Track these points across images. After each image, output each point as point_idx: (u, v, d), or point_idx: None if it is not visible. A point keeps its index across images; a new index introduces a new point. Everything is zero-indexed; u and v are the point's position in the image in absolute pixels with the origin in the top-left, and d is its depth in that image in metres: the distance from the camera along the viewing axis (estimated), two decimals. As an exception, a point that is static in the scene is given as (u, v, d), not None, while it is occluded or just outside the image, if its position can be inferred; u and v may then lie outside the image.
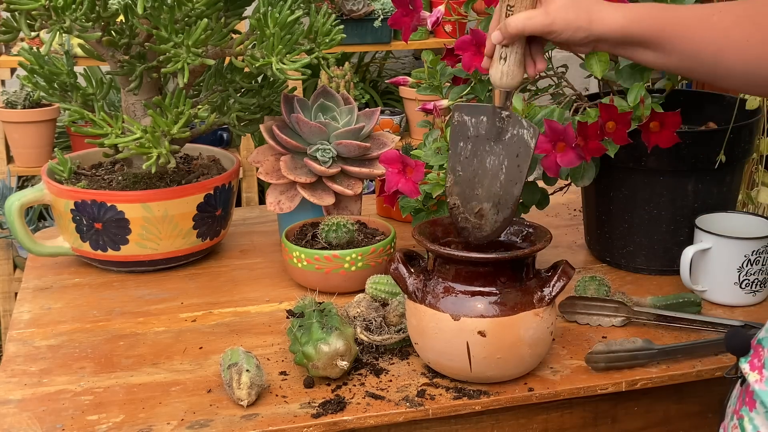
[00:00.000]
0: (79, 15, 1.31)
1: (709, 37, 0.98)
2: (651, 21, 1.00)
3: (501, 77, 1.07)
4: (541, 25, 1.02)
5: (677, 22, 1.00)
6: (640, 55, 1.03)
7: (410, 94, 3.10)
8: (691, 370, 1.18)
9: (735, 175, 1.43)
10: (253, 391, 1.08)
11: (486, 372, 1.11)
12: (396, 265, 1.13)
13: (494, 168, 1.11)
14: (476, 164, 1.12)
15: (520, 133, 1.09)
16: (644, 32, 1.00)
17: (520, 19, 1.03)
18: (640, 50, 1.02)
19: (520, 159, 1.09)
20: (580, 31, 1.02)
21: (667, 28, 1.00)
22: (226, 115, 1.54)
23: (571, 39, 1.03)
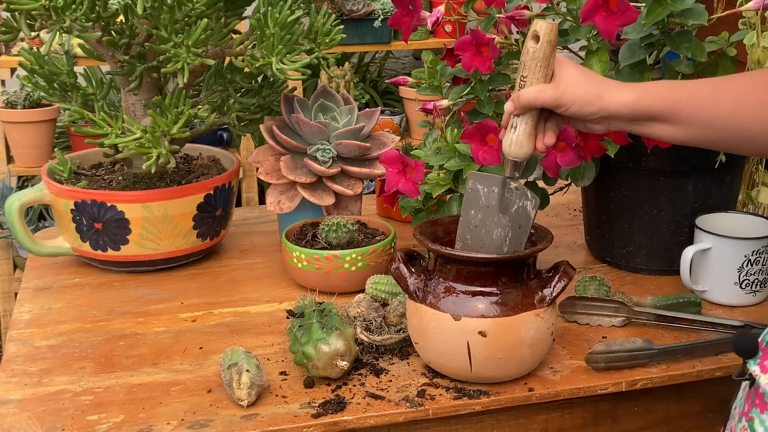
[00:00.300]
0: (79, 15, 1.31)
1: (722, 104, 1.00)
2: (662, 95, 1.03)
3: (510, 146, 1.10)
4: (551, 98, 1.05)
5: (689, 94, 1.02)
6: (658, 130, 1.05)
7: (410, 94, 3.10)
8: (691, 370, 1.18)
9: (735, 175, 1.43)
10: (253, 391, 1.08)
11: (486, 372, 1.11)
12: (397, 265, 1.13)
13: (499, 240, 1.14)
14: (484, 234, 1.15)
15: (524, 204, 1.12)
16: (656, 106, 1.03)
17: (531, 91, 1.06)
18: (655, 125, 1.04)
19: (522, 230, 1.13)
20: (589, 105, 1.04)
21: (680, 101, 1.02)
22: (226, 115, 1.54)
23: (581, 113, 1.05)
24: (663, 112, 1.03)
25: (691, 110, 1.02)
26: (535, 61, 1.05)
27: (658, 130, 1.04)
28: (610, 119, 1.06)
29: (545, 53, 1.05)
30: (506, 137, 1.10)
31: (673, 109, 1.02)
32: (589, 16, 1.22)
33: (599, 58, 1.28)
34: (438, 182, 1.33)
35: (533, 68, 1.06)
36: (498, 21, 1.36)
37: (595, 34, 1.29)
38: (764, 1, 1.28)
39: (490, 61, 1.29)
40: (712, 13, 1.30)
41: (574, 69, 1.07)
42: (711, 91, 1.02)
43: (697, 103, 1.02)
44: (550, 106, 1.07)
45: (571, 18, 1.31)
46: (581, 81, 1.05)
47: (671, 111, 1.02)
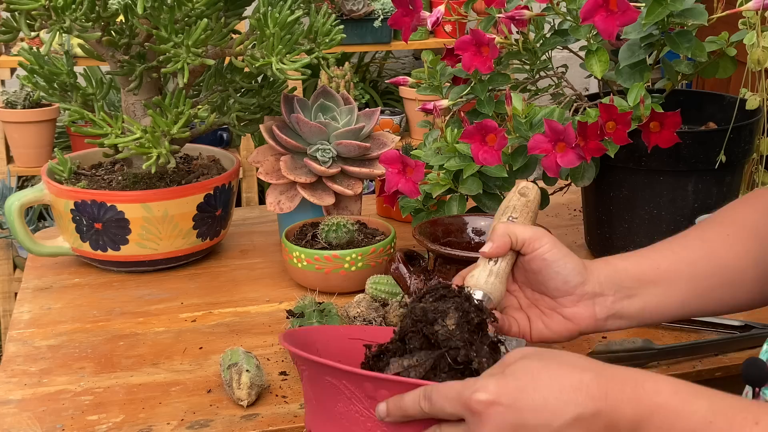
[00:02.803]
0: (79, 15, 1.31)
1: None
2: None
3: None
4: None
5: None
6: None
7: (410, 94, 3.10)
8: (691, 370, 1.18)
9: (735, 175, 1.43)
10: (253, 391, 1.08)
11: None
12: (396, 265, 1.13)
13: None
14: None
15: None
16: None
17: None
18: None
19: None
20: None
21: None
22: (226, 115, 1.54)
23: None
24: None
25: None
26: (527, 208, 0.98)
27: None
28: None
29: (534, 206, 0.99)
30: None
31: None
32: (589, 16, 1.22)
33: (599, 58, 1.28)
34: (438, 182, 1.33)
35: (524, 213, 0.97)
36: (498, 21, 1.36)
37: (595, 34, 1.29)
38: (764, 1, 1.28)
39: (490, 61, 1.30)
40: (712, 13, 1.30)
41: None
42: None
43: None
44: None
45: (571, 18, 1.31)
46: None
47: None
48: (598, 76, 1.29)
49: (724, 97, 1.50)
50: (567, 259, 0.93)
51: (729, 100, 1.47)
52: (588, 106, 1.37)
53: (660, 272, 0.96)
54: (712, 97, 1.52)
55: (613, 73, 1.35)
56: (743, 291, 0.98)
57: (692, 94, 1.53)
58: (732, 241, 0.98)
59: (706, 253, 0.98)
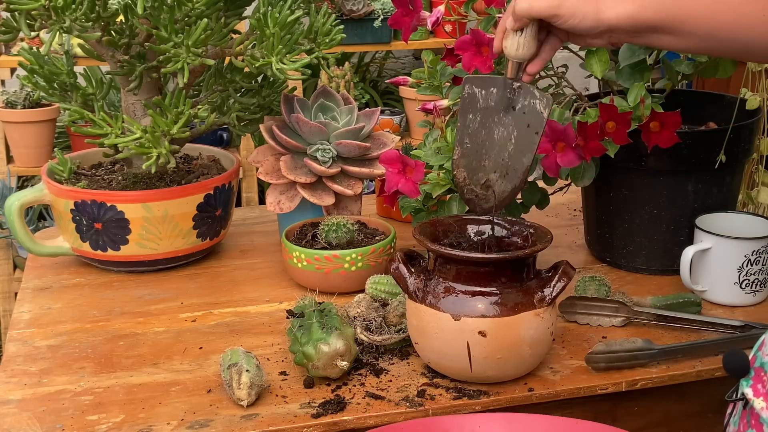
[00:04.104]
0: (79, 15, 1.31)
1: (722, 15, 0.98)
2: (661, 6, 1.00)
3: (517, 48, 1.07)
4: (547, 7, 1.02)
5: (688, 6, 0.99)
6: (659, 41, 1.02)
7: (410, 94, 3.10)
8: (691, 370, 1.18)
9: (735, 175, 1.43)
10: (253, 391, 1.08)
11: (486, 372, 1.11)
12: (396, 265, 1.13)
13: (503, 139, 1.11)
14: (484, 136, 1.12)
15: (532, 103, 1.09)
16: (656, 18, 1.00)
17: (526, 1, 1.03)
18: (656, 36, 1.02)
19: (532, 129, 1.10)
20: (587, 19, 1.01)
21: (679, 12, 0.99)
22: (226, 115, 1.54)
23: (579, 27, 1.02)
24: (663, 23, 1.00)
25: (690, 21, 0.99)
26: None
27: (659, 41, 1.02)
28: (610, 32, 1.03)
29: None
30: (511, 39, 1.07)
31: (673, 20, 1.00)
32: (589, 16, 1.22)
33: (599, 58, 1.28)
34: (438, 182, 1.33)
35: None
36: (498, 21, 1.36)
37: (595, 34, 1.29)
38: (764, 1, 1.28)
39: (491, 61, 1.29)
40: (712, 13, 1.30)
41: None
42: (710, 1, 0.99)
43: (696, 13, 0.99)
44: (546, 16, 1.03)
45: (571, 18, 1.31)
46: None
47: (671, 22, 1.00)
48: (598, 76, 1.29)
49: (724, 97, 1.50)
50: (583, 23, 1.02)
51: (729, 100, 1.47)
52: (588, 106, 1.37)
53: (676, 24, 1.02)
54: (712, 97, 1.52)
55: (613, 73, 1.35)
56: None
57: (692, 94, 1.53)
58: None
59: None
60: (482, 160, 1.13)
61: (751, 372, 0.91)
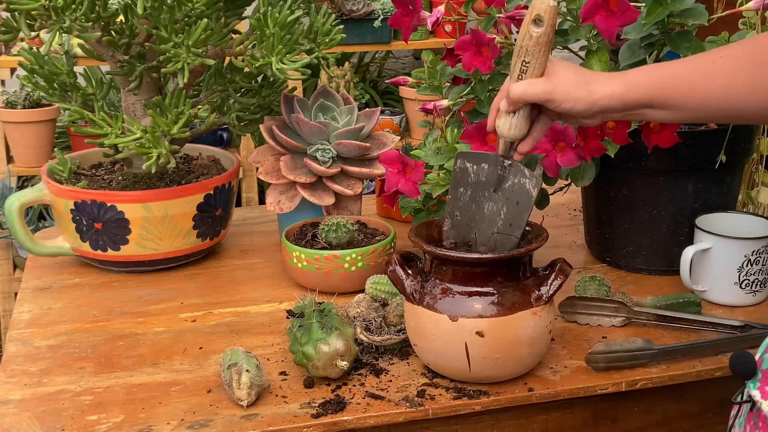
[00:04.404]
0: (79, 15, 1.31)
1: (713, 86, 0.99)
2: (651, 83, 1.02)
3: (509, 129, 1.09)
4: (542, 92, 1.04)
5: (677, 79, 1.01)
6: (652, 115, 1.04)
7: (410, 94, 3.10)
8: (691, 370, 1.18)
9: (735, 175, 1.43)
10: (253, 391, 1.08)
11: (485, 372, 1.11)
12: (393, 267, 1.13)
13: (492, 214, 1.13)
14: (474, 209, 1.14)
15: (522, 182, 1.11)
16: (646, 95, 1.02)
17: (522, 85, 1.05)
18: (649, 111, 1.03)
19: (521, 206, 1.12)
20: (580, 102, 1.03)
21: (669, 86, 1.01)
22: (226, 115, 1.54)
23: (573, 110, 1.04)
24: (654, 99, 1.02)
25: (680, 95, 1.01)
26: (539, 46, 1.03)
27: (653, 115, 1.04)
28: (603, 113, 1.05)
29: (549, 37, 1.03)
30: (504, 119, 1.08)
31: (663, 95, 1.01)
32: (589, 16, 1.22)
33: (599, 58, 1.28)
34: (438, 182, 1.33)
35: (537, 54, 1.04)
36: (498, 21, 1.36)
37: (595, 34, 1.29)
38: (764, 1, 1.28)
39: (491, 61, 1.29)
40: (712, 13, 1.30)
41: (564, 65, 1.05)
42: (700, 73, 1.00)
43: (686, 87, 1.00)
44: (540, 100, 1.05)
45: (571, 18, 1.31)
46: (572, 77, 1.04)
47: (661, 97, 1.01)
48: (598, 76, 1.28)
49: (724, 97, 1.49)
50: (576, 107, 1.04)
51: (729, 100, 1.47)
52: (588, 106, 1.37)
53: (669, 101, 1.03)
54: (712, 97, 1.51)
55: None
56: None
57: (692, 94, 1.53)
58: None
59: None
60: (471, 232, 1.15)
61: (758, 374, 0.91)
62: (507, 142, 1.10)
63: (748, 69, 0.97)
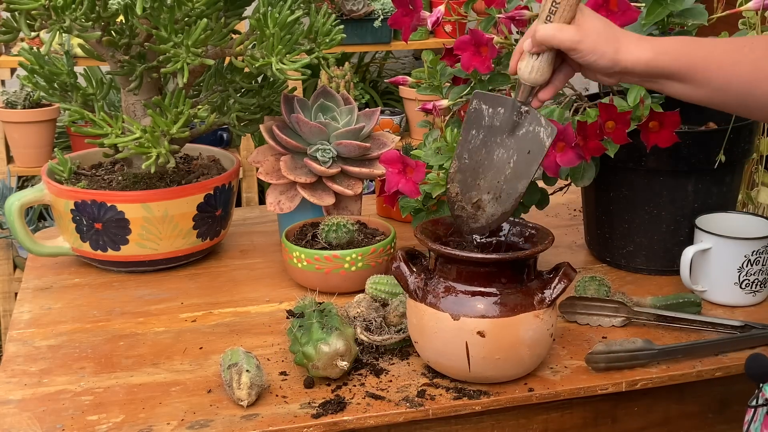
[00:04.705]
0: (79, 15, 1.31)
1: (739, 69, 0.98)
2: (680, 54, 1.00)
3: (531, 72, 1.06)
4: (569, 40, 1.02)
5: (707, 55, 1.00)
6: (669, 88, 1.02)
7: (410, 94, 3.10)
8: (691, 370, 1.18)
9: (735, 175, 1.43)
10: (253, 391, 1.08)
11: (485, 372, 1.11)
12: (398, 264, 1.13)
13: (501, 161, 1.11)
14: (484, 154, 1.12)
15: (537, 130, 1.09)
16: (673, 65, 1.00)
17: (550, 28, 1.02)
18: (669, 83, 1.02)
19: (531, 156, 1.09)
20: (604, 58, 1.01)
21: (697, 61, 1.00)
22: (226, 115, 1.54)
23: (596, 64, 1.02)
24: (679, 71, 1.00)
25: (706, 71, 0.99)
26: (566, 3, 1.01)
27: (671, 88, 1.02)
28: (624, 74, 1.03)
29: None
30: (526, 62, 1.06)
31: (689, 68, 1.00)
32: (589, 16, 1.22)
33: (599, 58, 1.28)
34: (438, 182, 1.33)
35: (564, 8, 1.01)
36: (498, 21, 1.36)
37: (595, 34, 1.29)
38: (764, 1, 1.28)
39: (489, 61, 1.29)
40: (712, 13, 1.30)
41: (596, 17, 1.03)
42: (730, 53, 0.99)
43: (713, 65, 0.99)
44: (566, 48, 1.03)
45: (571, 18, 1.31)
46: (602, 30, 1.01)
47: (687, 70, 1.00)
48: (598, 76, 1.28)
49: (724, 97, 1.49)
50: (600, 61, 1.02)
51: (729, 100, 1.47)
52: (588, 106, 1.37)
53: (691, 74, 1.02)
54: (712, 97, 1.51)
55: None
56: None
57: (692, 94, 1.53)
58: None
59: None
60: (477, 178, 1.13)
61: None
62: (527, 87, 1.08)
63: None
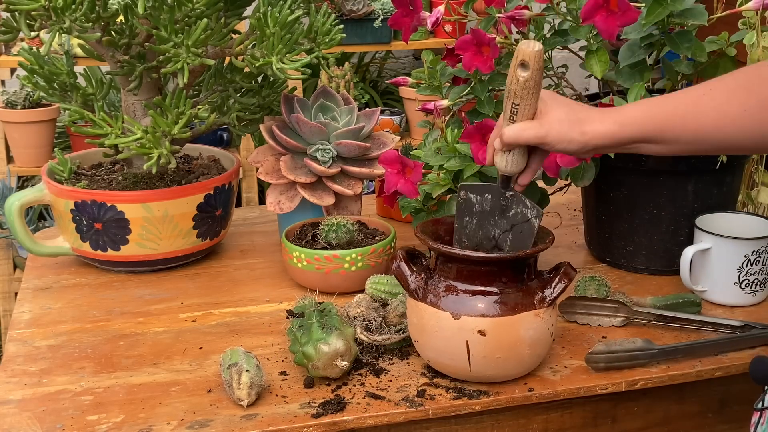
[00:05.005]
0: (79, 15, 1.31)
1: (704, 119, 1.00)
2: (643, 120, 1.02)
3: (506, 165, 1.10)
4: (534, 136, 1.05)
5: (670, 115, 1.02)
6: (645, 149, 1.05)
7: (410, 94, 3.10)
8: (691, 370, 1.18)
9: (735, 175, 1.43)
10: (253, 391, 1.08)
11: (485, 371, 1.11)
12: (398, 263, 1.13)
13: (500, 239, 1.15)
14: (481, 235, 1.16)
15: (524, 212, 1.13)
16: (639, 132, 1.02)
17: (514, 129, 1.05)
18: (642, 146, 1.04)
19: (524, 236, 1.13)
20: (573, 143, 1.04)
21: (662, 123, 1.02)
22: (226, 115, 1.54)
23: (567, 149, 1.05)
24: (646, 135, 1.02)
25: (673, 130, 1.01)
26: (527, 89, 1.04)
27: (646, 149, 1.05)
28: (597, 150, 1.06)
29: (536, 81, 1.04)
30: (500, 157, 1.10)
31: (656, 132, 1.02)
32: (589, 16, 1.22)
33: (599, 58, 1.28)
34: (438, 182, 1.33)
35: (525, 96, 1.05)
36: (498, 21, 1.36)
37: (595, 34, 1.29)
38: (764, 1, 1.28)
39: (491, 61, 1.29)
40: (712, 13, 1.30)
41: (556, 104, 1.06)
42: (691, 106, 1.01)
43: (677, 123, 1.01)
44: (533, 144, 1.06)
45: (571, 18, 1.31)
46: (564, 118, 1.04)
47: (654, 134, 1.02)
48: (598, 76, 1.29)
49: (724, 97, 1.49)
50: (570, 147, 1.05)
51: (729, 100, 1.47)
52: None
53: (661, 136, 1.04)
54: (712, 97, 1.51)
55: (613, 73, 1.35)
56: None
57: (692, 94, 1.52)
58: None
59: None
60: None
61: None
62: (507, 177, 1.12)
63: (738, 100, 0.98)
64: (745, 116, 0.97)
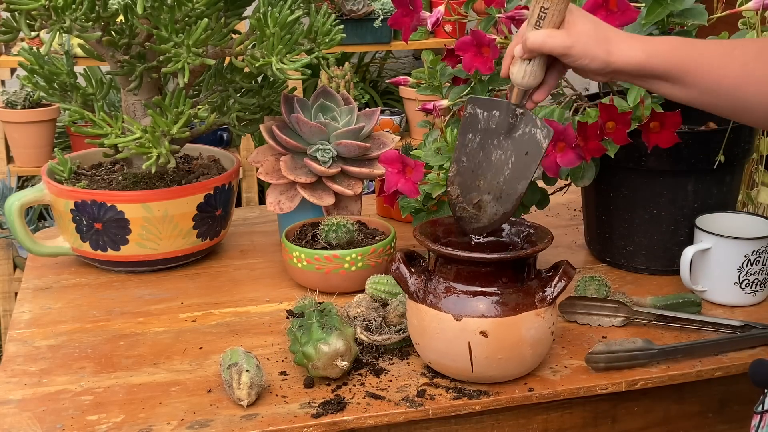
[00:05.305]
0: (79, 15, 1.31)
1: (729, 70, 0.98)
2: (671, 55, 1.00)
3: (524, 77, 1.06)
4: (560, 46, 1.02)
5: (698, 57, 0.99)
6: (659, 87, 1.02)
7: (410, 94, 3.10)
8: (691, 370, 1.18)
9: (735, 175, 1.43)
10: (253, 391, 1.08)
11: (487, 372, 1.11)
12: (397, 266, 1.13)
13: (499, 162, 1.12)
14: (482, 156, 1.13)
15: (533, 131, 1.09)
16: (664, 66, 1.00)
17: (540, 35, 1.02)
18: (659, 83, 1.02)
19: (529, 157, 1.10)
20: (596, 60, 1.01)
21: (688, 62, 0.99)
22: (226, 115, 1.54)
23: (588, 67, 1.02)
24: (669, 72, 1.00)
25: (697, 72, 0.99)
26: (554, 6, 1.00)
27: (661, 88, 1.02)
28: (615, 74, 1.03)
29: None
30: (519, 66, 1.06)
31: (679, 70, 1.00)
32: (589, 16, 1.22)
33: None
34: (438, 182, 1.33)
35: (557, 0, 1.01)
36: (498, 21, 1.36)
37: (595, 34, 1.28)
38: (764, 1, 1.28)
39: (491, 62, 1.29)
40: (712, 13, 1.30)
41: (585, 18, 1.02)
42: (720, 55, 0.99)
43: (703, 66, 0.99)
44: (557, 54, 1.02)
45: (571, 18, 1.31)
46: (592, 33, 1.01)
47: (677, 72, 1.00)
48: (598, 76, 1.28)
49: (724, 97, 1.49)
50: (592, 64, 1.02)
51: (729, 100, 1.47)
52: (588, 106, 1.37)
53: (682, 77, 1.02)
54: (712, 97, 1.51)
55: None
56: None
57: (692, 94, 1.52)
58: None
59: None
60: (477, 180, 1.13)
61: None
62: (521, 91, 1.08)
63: (765, 62, 0.96)
64: (767, 81, 0.96)
